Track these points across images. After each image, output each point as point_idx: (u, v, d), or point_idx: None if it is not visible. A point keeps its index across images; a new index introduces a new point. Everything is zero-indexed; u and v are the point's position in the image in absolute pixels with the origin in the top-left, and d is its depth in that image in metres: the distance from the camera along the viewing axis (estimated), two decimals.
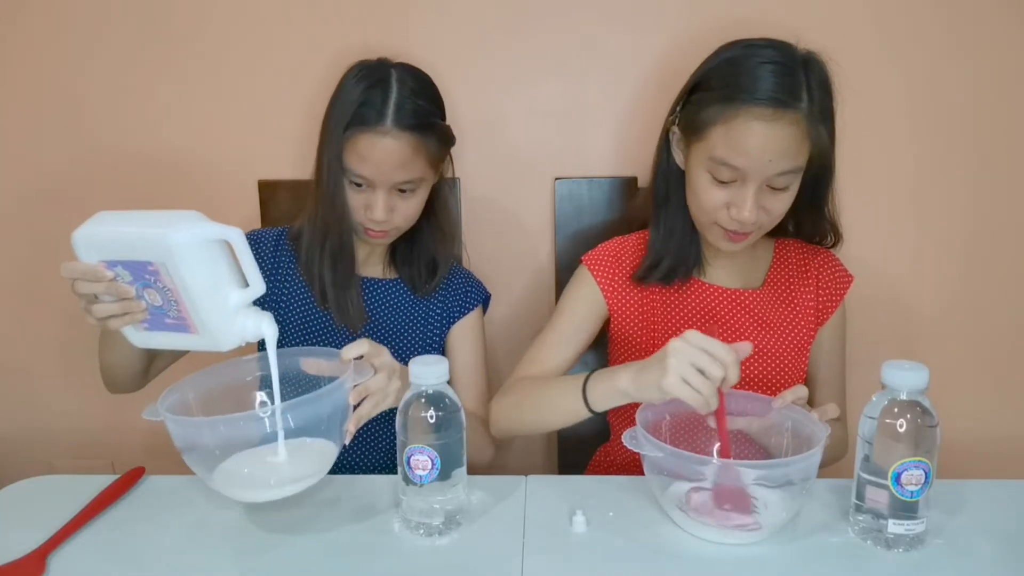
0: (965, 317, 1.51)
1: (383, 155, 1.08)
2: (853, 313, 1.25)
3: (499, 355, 1.51)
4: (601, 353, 1.30)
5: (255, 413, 0.88)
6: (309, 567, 0.85)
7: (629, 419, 1.17)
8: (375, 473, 1.01)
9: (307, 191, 1.18)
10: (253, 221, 1.44)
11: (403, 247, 1.24)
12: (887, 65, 1.39)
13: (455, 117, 1.42)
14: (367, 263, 1.25)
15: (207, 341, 0.90)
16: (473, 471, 0.96)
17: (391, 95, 1.09)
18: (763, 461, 0.91)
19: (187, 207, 1.46)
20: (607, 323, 1.21)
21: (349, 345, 0.95)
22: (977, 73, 1.40)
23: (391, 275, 1.25)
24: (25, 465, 1.61)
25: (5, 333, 1.60)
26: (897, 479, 0.82)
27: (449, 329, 1.26)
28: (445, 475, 0.88)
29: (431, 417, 0.87)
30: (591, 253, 1.20)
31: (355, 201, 1.13)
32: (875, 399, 0.85)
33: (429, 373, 0.87)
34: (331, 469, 0.92)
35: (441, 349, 1.26)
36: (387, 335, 1.22)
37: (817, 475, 0.88)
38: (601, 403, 0.98)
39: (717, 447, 0.93)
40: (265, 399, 0.97)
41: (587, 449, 1.34)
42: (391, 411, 0.93)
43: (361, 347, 0.96)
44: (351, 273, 1.18)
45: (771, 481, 0.86)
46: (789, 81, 0.98)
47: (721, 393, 0.90)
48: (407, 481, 0.89)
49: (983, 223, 1.47)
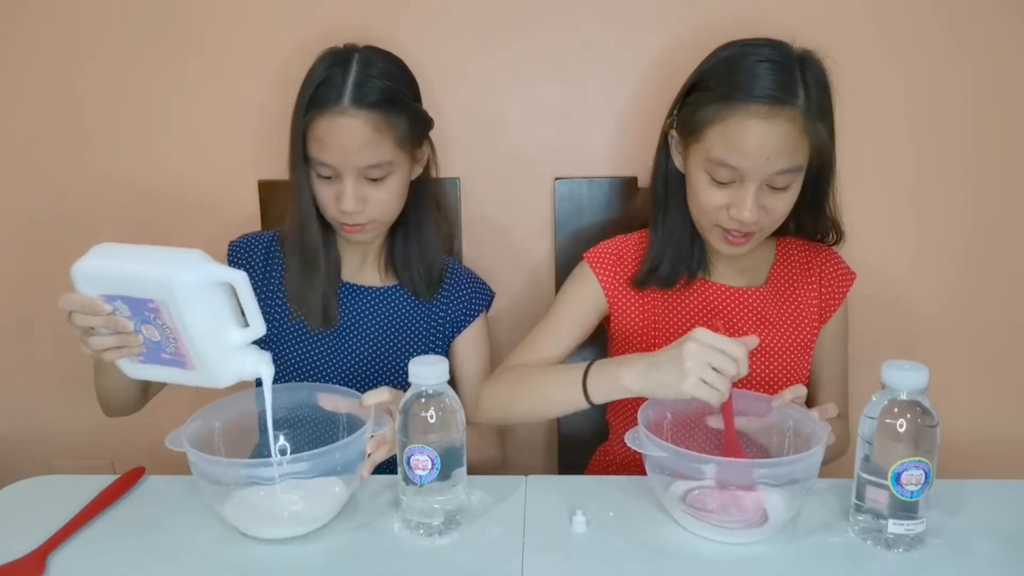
0: (965, 317, 1.51)
1: (342, 136, 1.04)
2: (854, 312, 1.25)
3: (499, 356, 1.51)
4: (597, 348, 1.29)
5: (270, 460, 0.89)
6: (309, 567, 0.85)
7: (629, 419, 1.17)
8: (375, 473, 1.01)
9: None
10: (253, 221, 1.44)
11: (396, 250, 1.21)
12: (887, 65, 1.39)
13: (456, 117, 1.43)
14: (362, 270, 1.22)
15: (203, 378, 0.91)
16: (483, 471, 0.96)
17: (350, 74, 1.05)
18: (765, 459, 0.91)
19: (187, 207, 1.50)
20: (606, 319, 1.21)
21: (370, 392, 0.96)
22: (977, 73, 1.40)
23: (390, 282, 1.22)
24: (25, 465, 1.61)
25: (5, 333, 1.60)
26: (897, 479, 0.82)
27: (455, 337, 1.24)
28: (445, 475, 0.88)
29: (431, 417, 0.87)
30: (593, 250, 1.19)
31: (326, 195, 1.09)
32: (875, 399, 0.85)
33: (429, 373, 0.87)
34: None
35: (446, 356, 1.25)
36: (389, 344, 1.20)
37: (818, 474, 0.88)
38: (601, 396, 0.98)
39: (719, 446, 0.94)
40: (285, 443, 0.99)
41: (587, 449, 1.34)
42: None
43: (381, 395, 0.96)
44: (315, 271, 1.14)
45: (773, 480, 0.86)
46: (785, 78, 0.98)
47: (728, 411, 0.91)
48: (407, 481, 0.89)
49: (983, 223, 1.46)
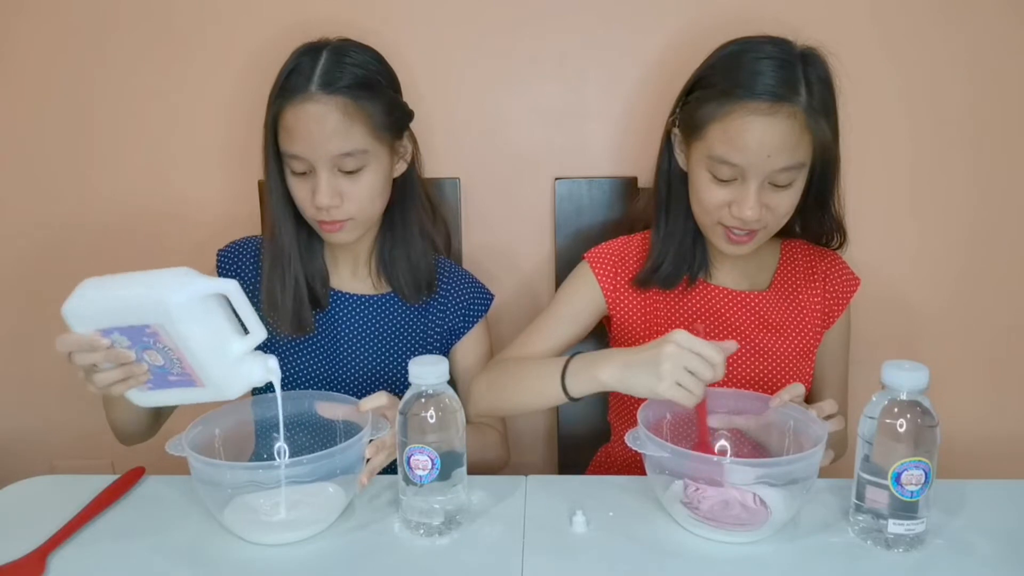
0: (965, 317, 1.51)
1: (309, 123, 1.00)
2: (854, 313, 1.25)
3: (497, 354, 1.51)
4: (597, 346, 1.29)
5: (272, 463, 0.90)
6: (309, 566, 0.85)
7: (630, 420, 1.17)
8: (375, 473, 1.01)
9: None
10: (253, 221, 1.44)
11: (384, 253, 1.17)
12: (887, 64, 1.39)
13: (456, 117, 1.43)
14: (354, 279, 1.20)
15: (213, 392, 0.90)
16: (491, 472, 0.96)
17: (319, 62, 1.03)
18: (765, 459, 0.91)
19: (188, 207, 1.50)
20: (607, 320, 1.21)
21: (368, 397, 0.96)
22: (977, 72, 1.40)
23: (383, 289, 1.20)
24: (25, 465, 1.61)
25: (5, 333, 1.60)
26: (897, 479, 0.82)
27: (454, 343, 1.23)
28: (445, 475, 0.88)
29: (431, 417, 0.87)
30: (595, 250, 1.19)
31: (301, 192, 1.06)
32: (875, 399, 0.85)
33: (429, 373, 0.87)
34: None
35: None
36: (386, 352, 1.19)
37: (818, 474, 0.88)
38: (579, 390, 0.98)
39: (718, 445, 0.94)
40: (284, 445, 0.99)
41: (587, 449, 1.34)
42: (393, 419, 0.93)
43: (379, 399, 0.96)
44: (286, 272, 1.11)
45: (773, 480, 0.86)
46: (786, 75, 0.98)
47: (700, 409, 0.91)
48: (407, 481, 0.89)
49: (983, 223, 1.46)
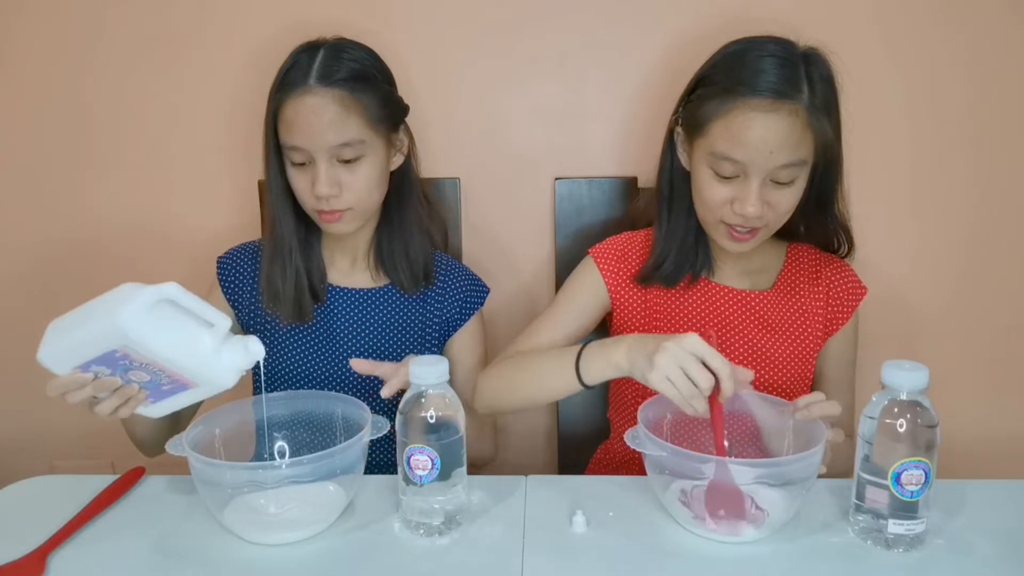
0: (965, 317, 1.50)
1: (309, 115, 1.04)
2: None
3: (497, 354, 1.51)
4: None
5: (272, 463, 0.91)
6: (309, 566, 0.85)
7: (630, 417, 1.17)
8: (375, 473, 1.01)
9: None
10: (253, 221, 1.44)
11: (382, 247, 1.19)
12: (888, 64, 1.39)
13: (456, 117, 1.43)
14: (352, 273, 1.21)
15: (209, 387, 0.91)
16: (472, 471, 0.96)
17: (318, 56, 1.06)
18: (764, 459, 0.91)
19: (188, 207, 1.50)
20: (608, 315, 1.21)
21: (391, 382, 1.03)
22: (977, 72, 1.39)
23: (381, 282, 1.21)
24: (25, 465, 1.61)
25: (5, 333, 1.60)
26: (897, 479, 0.82)
27: (450, 336, 1.24)
28: (445, 475, 0.88)
29: (431, 417, 0.87)
30: (599, 245, 1.19)
31: (301, 183, 1.09)
32: (875, 399, 0.85)
33: (429, 373, 0.87)
34: None
35: (442, 353, 1.25)
36: (385, 344, 1.20)
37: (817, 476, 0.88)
38: (594, 376, 0.98)
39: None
40: (284, 444, 1.00)
41: (587, 448, 1.34)
42: (392, 412, 0.93)
43: (400, 377, 1.03)
44: (288, 260, 1.13)
45: (773, 480, 0.86)
46: (788, 73, 0.98)
47: (717, 403, 0.90)
48: (407, 481, 0.89)
49: (983, 223, 1.46)
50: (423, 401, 0.87)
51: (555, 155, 1.46)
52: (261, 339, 0.91)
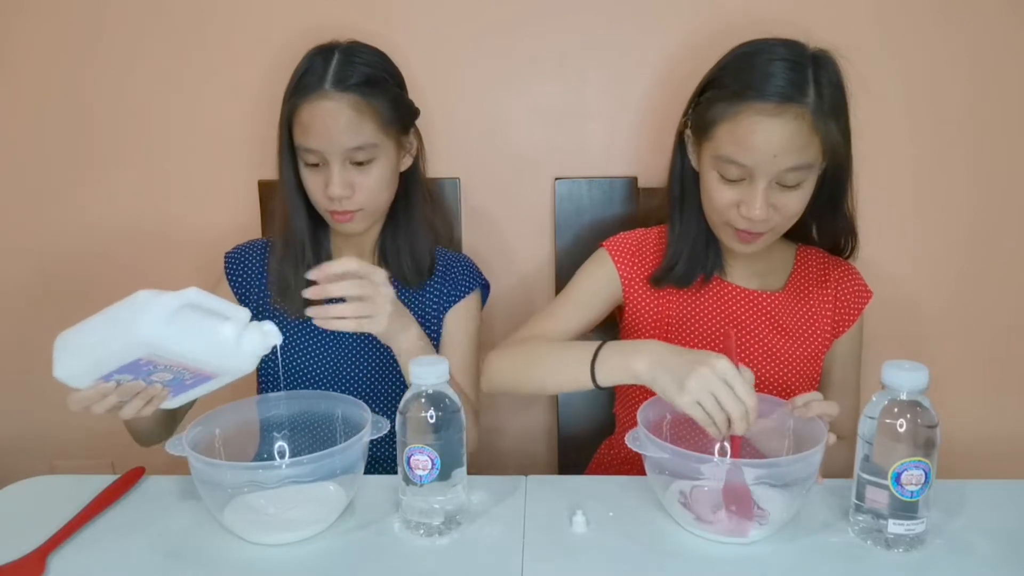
0: (965, 317, 1.51)
1: (325, 118, 1.06)
2: None
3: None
4: (608, 335, 1.28)
5: (272, 463, 0.91)
6: (309, 566, 0.85)
7: (635, 413, 1.17)
8: (375, 473, 1.01)
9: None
10: (253, 221, 1.44)
11: (387, 242, 1.21)
12: (889, 64, 1.39)
13: (456, 117, 1.43)
14: None
15: (231, 376, 0.93)
16: None
17: (332, 62, 1.08)
18: (765, 460, 0.91)
19: (188, 207, 1.50)
20: (619, 310, 1.21)
21: (336, 260, 0.99)
22: (978, 72, 1.39)
23: None
24: (25, 465, 1.61)
25: (6, 333, 1.60)
26: (897, 479, 0.82)
27: (444, 314, 1.24)
28: (445, 475, 0.88)
29: (431, 417, 0.87)
30: (613, 239, 1.20)
31: (314, 183, 1.11)
32: (875, 399, 0.85)
33: (429, 373, 0.87)
34: None
35: (440, 339, 1.24)
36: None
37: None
38: (609, 379, 0.98)
39: (718, 446, 0.93)
40: (284, 445, 1.01)
41: (587, 448, 1.34)
42: (393, 412, 0.93)
43: (349, 263, 0.98)
44: (300, 257, 1.15)
45: (773, 480, 0.86)
46: (795, 76, 0.98)
47: (736, 440, 0.90)
48: (407, 481, 0.89)
49: (984, 223, 1.46)
50: (423, 401, 0.87)
51: (555, 155, 1.46)
52: None
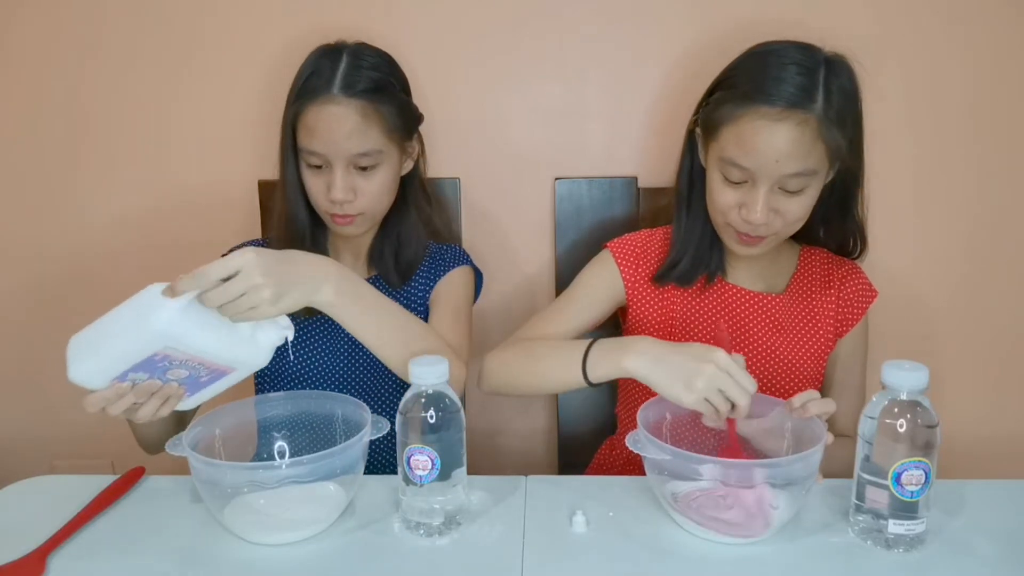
0: (965, 317, 1.51)
1: (331, 123, 1.06)
2: None
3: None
4: (609, 335, 1.28)
5: (272, 463, 0.91)
6: (309, 567, 0.85)
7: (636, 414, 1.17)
8: (375, 473, 1.01)
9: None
10: (253, 221, 1.44)
11: (375, 242, 1.21)
12: (889, 64, 1.39)
13: (456, 117, 1.43)
14: (355, 267, 1.23)
15: (246, 370, 0.93)
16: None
17: (340, 65, 1.08)
18: (765, 460, 0.91)
19: (188, 207, 1.50)
20: (622, 311, 1.21)
21: (188, 281, 0.84)
22: (980, 73, 1.39)
23: (371, 272, 1.23)
24: (25, 465, 1.61)
25: (6, 334, 1.60)
26: (897, 479, 0.82)
27: (431, 293, 1.22)
28: (445, 475, 0.88)
29: (431, 417, 0.87)
30: (617, 241, 1.20)
31: (316, 185, 1.11)
32: (875, 399, 0.85)
33: (429, 373, 0.87)
34: None
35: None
36: None
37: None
38: (600, 376, 0.98)
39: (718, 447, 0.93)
40: (284, 445, 1.01)
41: (588, 448, 1.34)
42: (393, 412, 0.93)
43: (201, 280, 0.84)
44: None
45: (773, 480, 0.86)
46: (805, 81, 0.97)
47: (731, 422, 0.91)
48: (407, 481, 0.89)
49: (984, 223, 1.46)
50: (423, 401, 0.87)
51: (555, 155, 1.46)
52: None
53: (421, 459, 0.87)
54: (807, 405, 0.91)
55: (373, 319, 1.00)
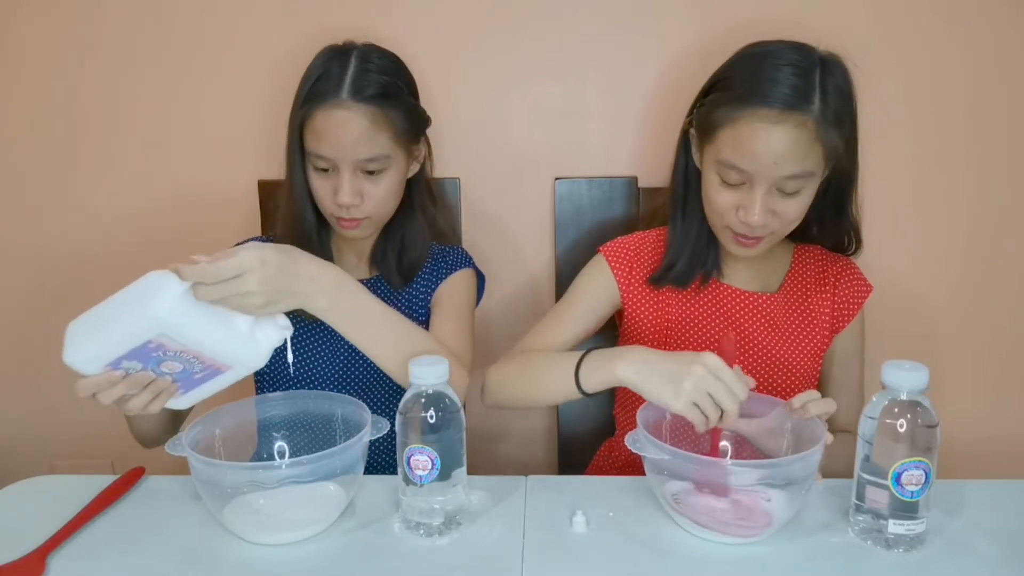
0: (965, 317, 1.51)
1: (340, 128, 1.05)
2: None
3: (496, 354, 1.51)
4: (608, 342, 1.29)
5: (272, 463, 0.91)
6: (309, 566, 0.85)
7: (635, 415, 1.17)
8: (375, 473, 1.01)
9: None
10: (253, 221, 1.44)
11: (378, 243, 1.21)
12: (889, 64, 1.39)
13: (456, 117, 1.43)
14: (359, 267, 1.23)
15: (242, 369, 0.91)
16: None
17: (348, 68, 1.07)
18: (765, 460, 0.91)
19: (188, 207, 1.50)
20: (619, 314, 1.21)
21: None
22: (980, 73, 1.39)
23: (373, 273, 1.23)
24: (25, 465, 1.61)
25: (6, 334, 1.60)
26: (897, 479, 0.82)
27: (432, 296, 1.22)
28: (445, 475, 0.88)
29: (431, 417, 0.87)
30: (611, 244, 1.19)
31: (322, 188, 1.10)
32: (875, 399, 0.85)
33: (429, 373, 0.87)
34: None
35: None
36: None
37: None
38: (594, 385, 0.98)
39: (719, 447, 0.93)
40: (284, 445, 1.01)
41: (587, 448, 1.34)
42: (392, 412, 0.93)
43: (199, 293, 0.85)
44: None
45: (773, 480, 0.86)
46: (801, 83, 0.97)
47: (716, 432, 0.91)
48: (407, 481, 0.89)
49: (984, 223, 1.46)
50: (423, 401, 0.87)
51: (555, 155, 1.46)
52: None
53: (421, 459, 0.87)
54: (807, 406, 0.91)
55: (370, 329, 1.01)
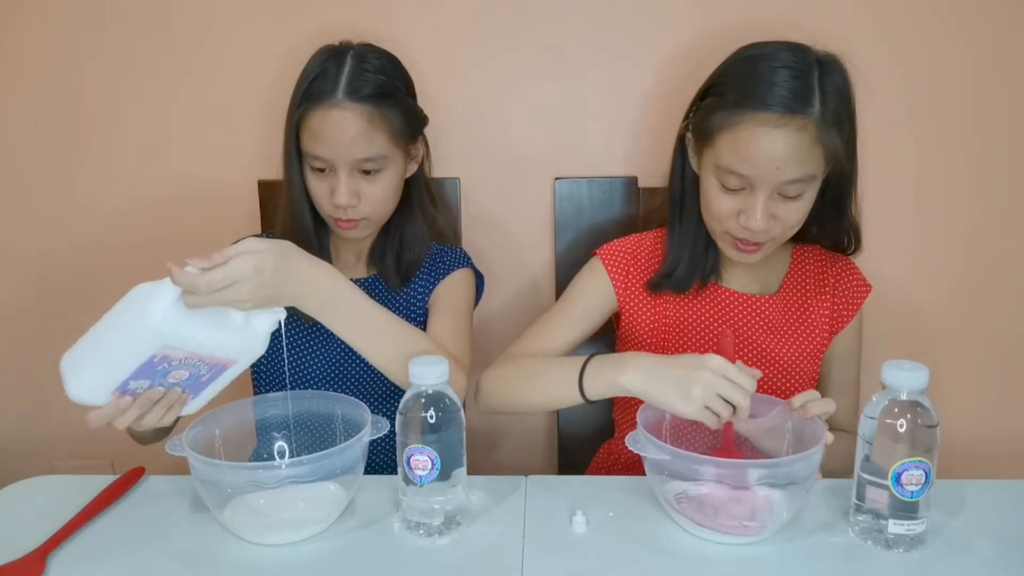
0: (965, 317, 1.51)
1: (336, 128, 1.05)
2: None
3: (496, 355, 1.51)
4: (604, 345, 1.29)
5: (272, 463, 0.91)
6: (309, 567, 0.85)
7: (635, 416, 1.17)
8: (375, 473, 1.01)
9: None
10: (253, 220, 1.44)
11: (376, 243, 1.21)
12: (889, 64, 1.39)
13: (456, 117, 1.43)
14: (356, 266, 1.23)
15: (244, 361, 0.92)
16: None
17: (345, 68, 1.06)
18: (765, 460, 0.91)
19: (187, 207, 1.50)
20: (615, 317, 1.21)
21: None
22: (981, 73, 1.39)
23: (371, 272, 1.23)
24: (25, 465, 1.61)
25: (6, 333, 1.60)
26: (897, 479, 0.82)
27: (430, 296, 1.22)
28: (445, 475, 0.88)
29: (431, 417, 0.87)
30: (607, 247, 1.18)
31: (320, 189, 1.10)
32: (875, 399, 0.85)
33: (429, 373, 0.87)
34: None
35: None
36: None
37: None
38: (598, 393, 0.98)
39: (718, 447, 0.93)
40: (284, 445, 1.01)
41: (588, 448, 1.34)
42: (391, 412, 0.93)
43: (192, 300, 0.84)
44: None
45: (773, 480, 0.86)
46: (799, 85, 0.96)
47: (729, 425, 0.91)
48: (407, 481, 0.89)
49: (984, 224, 1.46)
50: (423, 401, 0.87)
51: (555, 155, 1.46)
52: None
53: (421, 459, 0.87)
54: (807, 406, 0.91)
55: (364, 330, 1.01)
